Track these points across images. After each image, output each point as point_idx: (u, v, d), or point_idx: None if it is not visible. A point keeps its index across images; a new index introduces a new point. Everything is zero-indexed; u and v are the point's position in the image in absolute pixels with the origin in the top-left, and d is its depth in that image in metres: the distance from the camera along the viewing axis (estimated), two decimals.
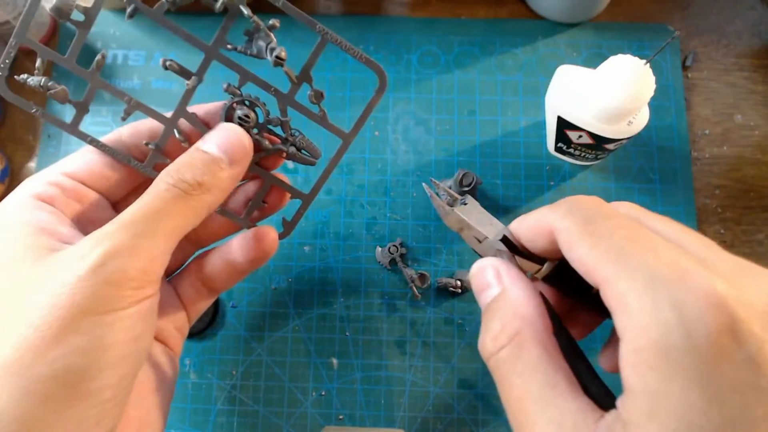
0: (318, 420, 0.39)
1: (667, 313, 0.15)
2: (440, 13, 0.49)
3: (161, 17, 0.23)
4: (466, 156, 0.44)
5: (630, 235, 0.17)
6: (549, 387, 0.17)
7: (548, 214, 0.20)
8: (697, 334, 0.14)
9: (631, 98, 0.34)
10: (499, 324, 0.19)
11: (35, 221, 0.23)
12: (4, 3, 0.42)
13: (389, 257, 0.41)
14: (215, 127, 0.26)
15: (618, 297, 0.16)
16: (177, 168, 0.24)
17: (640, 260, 0.16)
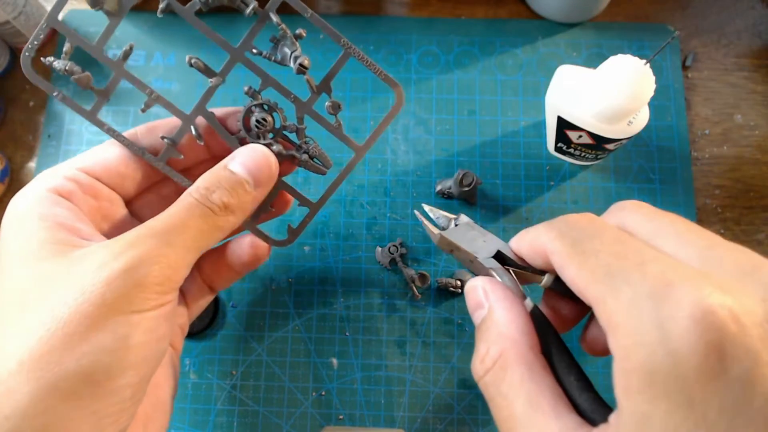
0: (318, 420, 0.39)
1: (650, 333, 0.14)
2: (440, 13, 0.49)
3: (191, 17, 0.23)
4: (466, 156, 0.44)
5: (617, 251, 0.17)
6: (532, 408, 0.17)
7: (542, 234, 0.20)
8: (681, 354, 0.14)
9: (631, 98, 0.34)
10: (485, 346, 0.20)
11: (53, 216, 0.23)
12: (4, 3, 0.42)
13: (389, 257, 0.41)
14: (243, 147, 0.26)
15: (606, 318, 0.16)
16: (205, 186, 0.24)
17: (624, 278, 0.16)
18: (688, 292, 0.14)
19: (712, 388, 0.13)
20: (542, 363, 0.19)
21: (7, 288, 0.21)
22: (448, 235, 0.25)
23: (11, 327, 0.20)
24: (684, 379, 0.14)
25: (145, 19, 0.48)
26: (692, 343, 0.14)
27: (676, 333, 0.14)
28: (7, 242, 0.22)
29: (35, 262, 0.21)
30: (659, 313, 0.14)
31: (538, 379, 0.18)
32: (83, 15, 0.49)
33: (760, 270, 0.15)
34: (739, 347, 0.14)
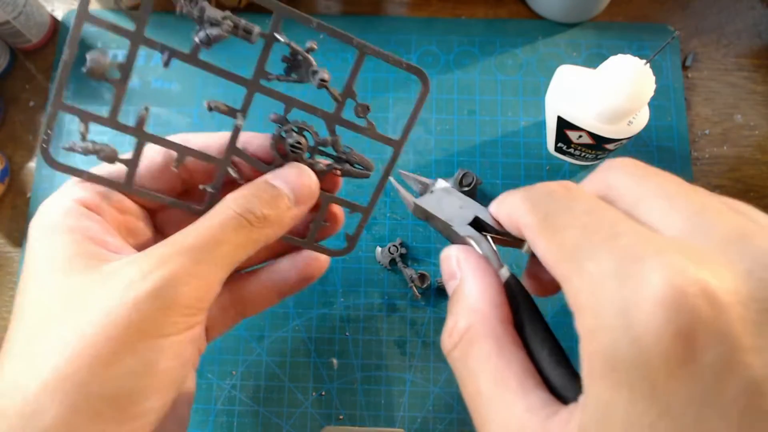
0: (318, 420, 0.39)
1: (613, 317, 0.13)
2: (440, 13, 0.49)
3: (198, 61, 0.22)
4: (466, 156, 0.44)
5: (587, 224, 0.15)
6: (498, 384, 0.16)
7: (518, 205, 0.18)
8: (644, 341, 0.12)
9: (631, 98, 0.34)
10: (454, 319, 0.19)
11: (82, 228, 0.22)
12: (4, 3, 0.42)
13: (389, 257, 0.41)
14: (284, 167, 0.25)
15: (572, 297, 0.15)
16: (244, 196, 0.23)
17: (590, 255, 0.14)
18: (657, 268, 0.13)
19: (679, 377, 0.12)
20: (512, 337, 0.18)
21: (34, 301, 0.21)
22: (422, 202, 0.24)
23: (37, 343, 0.19)
24: (647, 367, 0.12)
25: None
26: (657, 329, 0.12)
27: (639, 318, 0.12)
28: (34, 254, 0.22)
29: (64, 276, 0.20)
30: (623, 293, 0.13)
31: (507, 354, 0.17)
32: None
33: (750, 238, 0.13)
34: (713, 332, 0.12)
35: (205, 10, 0.21)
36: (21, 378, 0.19)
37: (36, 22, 0.45)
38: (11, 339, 0.20)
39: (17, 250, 0.43)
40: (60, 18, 0.48)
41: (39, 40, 0.47)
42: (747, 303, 0.12)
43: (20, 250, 0.43)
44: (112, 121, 0.22)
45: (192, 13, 0.21)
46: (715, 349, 0.12)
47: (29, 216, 0.44)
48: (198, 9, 0.21)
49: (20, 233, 0.44)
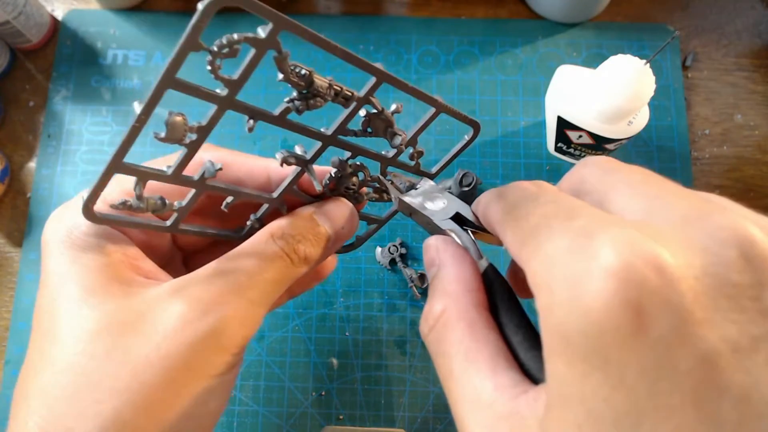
0: (318, 420, 0.39)
1: (565, 290, 0.13)
2: (440, 13, 0.49)
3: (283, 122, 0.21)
4: (466, 156, 0.44)
5: (547, 211, 0.15)
6: (468, 364, 0.17)
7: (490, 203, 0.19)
8: (594, 312, 0.12)
9: (631, 98, 0.34)
10: (430, 304, 0.19)
11: (115, 251, 0.21)
12: (4, 3, 0.42)
13: (389, 257, 0.41)
14: (331, 203, 0.25)
15: (531, 279, 0.14)
16: (292, 234, 0.23)
17: (548, 236, 0.14)
18: (607, 242, 0.13)
19: (630, 349, 0.12)
20: (487, 321, 0.18)
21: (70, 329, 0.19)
22: (406, 198, 0.24)
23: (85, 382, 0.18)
24: (598, 339, 0.12)
25: (145, 19, 0.48)
26: (605, 299, 0.12)
27: (589, 289, 0.12)
28: (61, 272, 0.20)
29: (102, 301, 0.19)
30: (573, 267, 0.13)
31: (479, 336, 0.17)
32: (83, 15, 0.49)
33: (708, 217, 0.13)
34: (662, 303, 0.12)
35: (313, 80, 0.19)
36: (70, 421, 0.18)
37: (36, 22, 0.45)
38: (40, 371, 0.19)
39: (17, 250, 0.43)
40: (60, 18, 0.48)
41: (39, 40, 0.47)
42: (700, 277, 0.12)
43: (20, 250, 0.43)
44: (175, 178, 0.21)
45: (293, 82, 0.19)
46: (665, 320, 0.12)
47: (29, 216, 0.44)
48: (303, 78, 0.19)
49: (20, 233, 0.44)
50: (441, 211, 0.23)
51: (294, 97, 0.20)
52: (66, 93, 0.46)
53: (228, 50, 0.16)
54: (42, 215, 0.44)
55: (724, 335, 0.12)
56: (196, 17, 0.15)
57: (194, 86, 0.18)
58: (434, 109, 0.24)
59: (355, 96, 0.21)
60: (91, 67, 0.47)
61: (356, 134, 0.23)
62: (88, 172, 0.45)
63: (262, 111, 0.20)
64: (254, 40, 0.16)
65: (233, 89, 0.18)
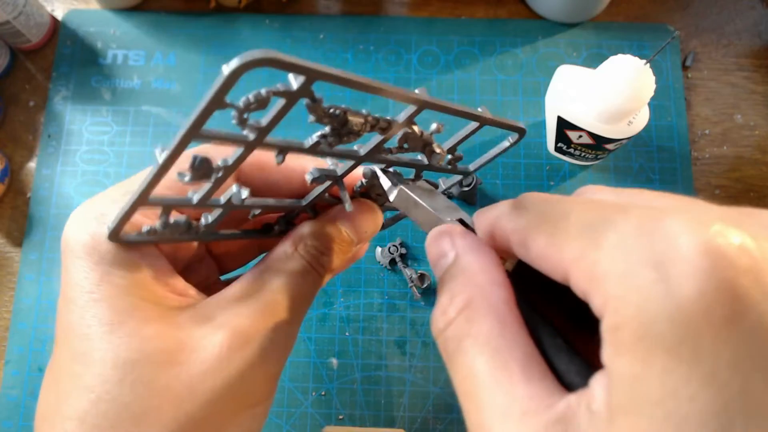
0: (318, 420, 0.39)
1: (644, 274, 0.12)
2: (440, 13, 0.49)
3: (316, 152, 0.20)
4: (467, 156, 0.44)
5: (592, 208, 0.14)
6: (498, 368, 0.15)
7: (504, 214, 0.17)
8: (684, 296, 0.11)
9: (631, 98, 0.34)
10: (449, 296, 0.17)
11: (145, 266, 0.19)
12: (4, 3, 0.42)
13: (389, 257, 0.41)
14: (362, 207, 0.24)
15: (587, 273, 0.13)
16: (316, 247, 0.22)
17: (606, 225, 0.13)
18: (686, 223, 0.11)
19: (724, 338, 0.11)
20: (517, 318, 0.16)
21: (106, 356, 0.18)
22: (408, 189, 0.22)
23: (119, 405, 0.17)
24: (687, 328, 0.11)
25: (145, 19, 0.48)
26: (698, 281, 0.11)
27: (677, 270, 0.11)
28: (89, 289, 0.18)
29: (137, 326, 0.18)
30: (653, 248, 0.12)
31: (509, 335, 0.15)
32: (83, 15, 0.49)
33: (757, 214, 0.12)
34: (759, 286, 0.11)
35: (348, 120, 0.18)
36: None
37: (36, 22, 0.45)
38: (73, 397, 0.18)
39: (17, 250, 0.43)
40: (60, 18, 0.48)
41: (39, 40, 0.47)
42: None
43: (20, 250, 0.43)
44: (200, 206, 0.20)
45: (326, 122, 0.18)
46: (760, 306, 0.11)
47: (29, 216, 0.44)
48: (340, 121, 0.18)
49: (20, 233, 0.44)
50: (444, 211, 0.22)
51: (326, 132, 0.18)
52: (66, 93, 0.46)
53: (256, 106, 0.15)
54: (42, 215, 0.44)
55: None
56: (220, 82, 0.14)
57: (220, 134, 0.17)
58: (477, 124, 0.23)
59: (393, 124, 0.20)
60: (91, 67, 0.47)
61: (391, 152, 0.22)
62: (88, 172, 0.45)
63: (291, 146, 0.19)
64: (286, 94, 0.15)
65: (261, 135, 0.17)
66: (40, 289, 0.42)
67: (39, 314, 0.42)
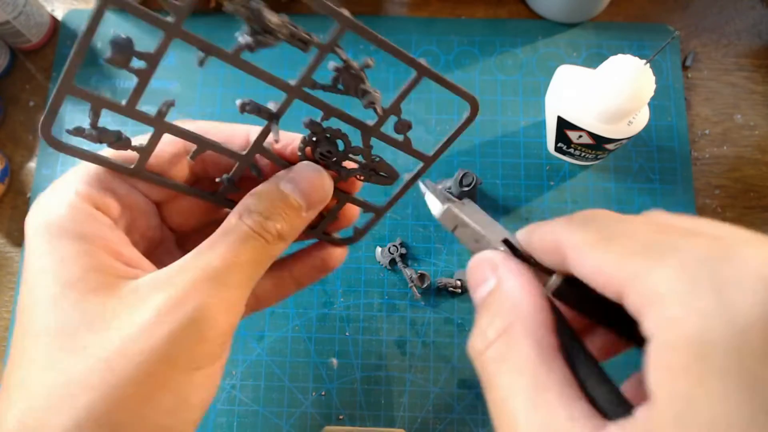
0: (318, 420, 0.39)
1: (705, 298, 0.12)
2: (440, 13, 0.49)
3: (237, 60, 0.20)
4: (466, 156, 0.44)
5: (654, 228, 0.14)
6: (537, 390, 0.15)
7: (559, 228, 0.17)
8: (744, 321, 0.11)
9: (631, 98, 0.34)
10: (489, 319, 0.17)
11: (95, 237, 0.20)
12: (4, 3, 0.42)
13: (389, 257, 0.41)
14: (298, 167, 0.24)
15: (643, 293, 0.13)
16: (259, 212, 0.22)
17: (669, 247, 0.13)
18: (755, 252, 0.12)
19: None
20: (555, 344, 0.16)
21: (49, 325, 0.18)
22: (456, 208, 0.23)
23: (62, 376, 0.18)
24: (746, 353, 0.11)
25: None
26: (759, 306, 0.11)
27: (739, 297, 0.11)
28: (39, 264, 0.19)
29: (79, 295, 0.19)
30: (718, 274, 0.12)
31: (549, 360, 0.15)
32: (83, 15, 0.49)
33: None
34: None
35: (262, 14, 0.18)
36: (46, 415, 0.17)
37: (36, 22, 0.45)
38: (22, 367, 0.18)
39: (17, 250, 0.43)
40: (60, 18, 0.48)
41: (39, 40, 0.47)
42: None
43: (20, 250, 0.43)
44: (129, 110, 0.20)
45: (242, 13, 0.18)
46: None
47: None
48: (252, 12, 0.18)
49: (20, 233, 0.44)
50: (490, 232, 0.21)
51: (245, 31, 0.19)
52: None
53: None
54: None
55: None
56: None
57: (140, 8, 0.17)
58: (415, 73, 0.22)
59: (314, 41, 0.20)
60: (91, 67, 0.47)
61: (324, 88, 0.22)
62: None
63: (215, 46, 0.19)
64: None
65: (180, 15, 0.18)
66: None
67: None
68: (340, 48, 0.21)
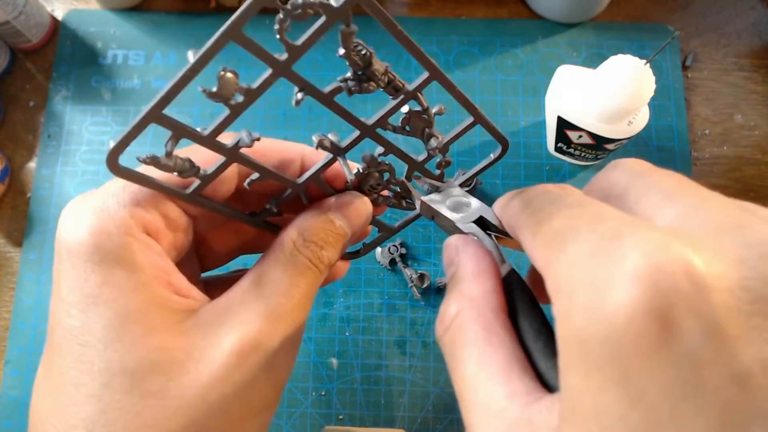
0: (318, 420, 0.39)
1: (586, 295, 0.12)
2: (440, 13, 0.49)
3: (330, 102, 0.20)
4: (466, 156, 0.44)
5: (573, 214, 0.14)
6: (482, 369, 0.16)
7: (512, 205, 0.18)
8: (616, 319, 0.11)
9: (631, 98, 0.34)
10: (446, 305, 0.18)
11: (149, 266, 0.18)
12: (4, 3, 0.42)
13: (389, 257, 0.41)
14: (348, 197, 0.24)
15: (549, 283, 0.14)
16: (314, 242, 0.21)
17: (572, 238, 0.13)
18: (636, 244, 0.12)
19: (654, 364, 0.11)
20: (504, 325, 0.17)
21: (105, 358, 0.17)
22: (428, 200, 0.24)
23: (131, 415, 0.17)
24: (618, 351, 0.11)
25: (145, 19, 0.48)
26: (629, 306, 0.11)
27: (611, 296, 0.11)
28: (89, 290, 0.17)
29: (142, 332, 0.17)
30: (596, 271, 0.12)
31: (494, 340, 0.16)
32: (83, 15, 0.49)
33: (747, 228, 0.12)
34: (694, 314, 0.11)
35: (371, 62, 0.19)
36: None
37: (36, 22, 0.45)
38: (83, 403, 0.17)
39: (17, 250, 0.43)
40: (60, 18, 0.48)
41: (39, 40, 0.47)
42: (735, 291, 0.11)
43: (20, 250, 0.43)
44: (209, 140, 0.19)
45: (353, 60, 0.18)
46: (695, 333, 0.11)
47: (29, 216, 0.44)
48: (363, 59, 0.18)
49: (20, 233, 0.44)
50: (464, 215, 0.23)
51: (348, 77, 0.19)
52: (66, 93, 0.46)
53: (300, 12, 0.16)
54: (42, 215, 0.44)
55: (757, 355, 0.11)
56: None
57: (256, 44, 0.16)
58: (472, 119, 0.23)
59: (405, 88, 0.21)
60: (91, 67, 0.47)
61: (395, 130, 0.22)
62: (88, 172, 0.45)
63: (313, 86, 0.19)
64: (327, 7, 0.16)
65: (294, 55, 0.18)
66: (40, 289, 0.42)
67: (39, 314, 0.42)
68: (422, 95, 0.21)
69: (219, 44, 0.16)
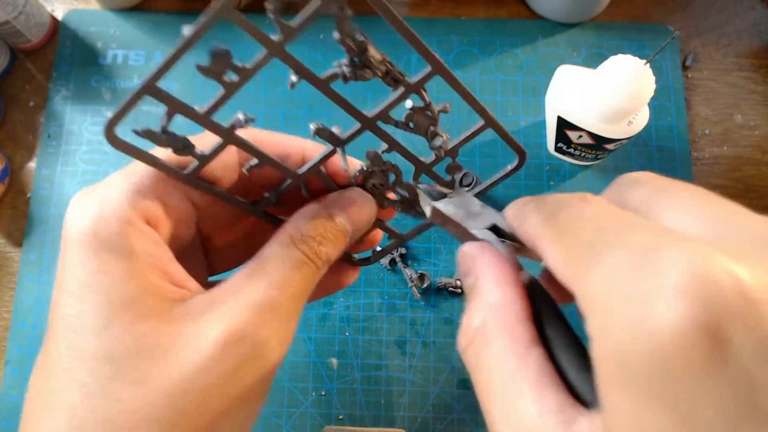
0: (318, 420, 0.39)
1: (627, 310, 0.11)
2: (440, 13, 0.49)
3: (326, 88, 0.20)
4: (466, 156, 0.44)
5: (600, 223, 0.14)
6: (511, 384, 0.15)
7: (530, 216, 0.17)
8: (662, 337, 0.10)
9: (631, 98, 0.34)
10: (468, 317, 0.18)
11: (145, 254, 0.18)
12: (4, 3, 0.42)
13: (389, 257, 0.41)
14: (350, 193, 0.23)
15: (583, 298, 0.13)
16: (312, 236, 0.21)
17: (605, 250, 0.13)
18: (679, 256, 0.11)
19: (703, 383, 0.10)
20: (532, 336, 0.16)
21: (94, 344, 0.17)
22: (440, 206, 0.23)
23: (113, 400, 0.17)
24: (665, 368, 0.10)
25: (145, 19, 0.48)
26: (676, 321, 0.10)
27: (657, 309, 0.11)
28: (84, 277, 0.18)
29: (131, 319, 0.17)
30: (638, 285, 0.11)
31: (523, 351, 0.15)
32: (83, 15, 0.49)
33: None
34: (744, 329, 0.10)
35: (367, 48, 0.18)
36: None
37: (36, 22, 0.45)
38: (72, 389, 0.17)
39: (17, 250, 0.43)
40: (60, 18, 0.48)
41: (39, 40, 0.47)
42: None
43: (20, 250, 0.43)
44: (204, 118, 0.19)
45: (348, 45, 0.18)
46: (747, 350, 0.10)
47: (29, 216, 0.44)
48: (358, 45, 0.18)
49: (20, 233, 0.44)
50: (476, 222, 0.22)
51: (344, 62, 0.19)
52: (66, 93, 0.46)
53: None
54: (42, 215, 0.44)
55: None
56: None
57: (250, 23, 0.16)
58: (482, 122, 0.23)
59: (405, 80, 0.20)
60: (91, 67, 0.47)
61: (397, 125, 0.22)
62: (88, 172, 0.45)
63: (308, 69, 0.19)
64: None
65: (288, 36, 0.17)
66: (40, 289, 0.42)
67: (39, 314, 0.42)
68: (425, 90, 0.21)
69: (212, 20, 0.16)
